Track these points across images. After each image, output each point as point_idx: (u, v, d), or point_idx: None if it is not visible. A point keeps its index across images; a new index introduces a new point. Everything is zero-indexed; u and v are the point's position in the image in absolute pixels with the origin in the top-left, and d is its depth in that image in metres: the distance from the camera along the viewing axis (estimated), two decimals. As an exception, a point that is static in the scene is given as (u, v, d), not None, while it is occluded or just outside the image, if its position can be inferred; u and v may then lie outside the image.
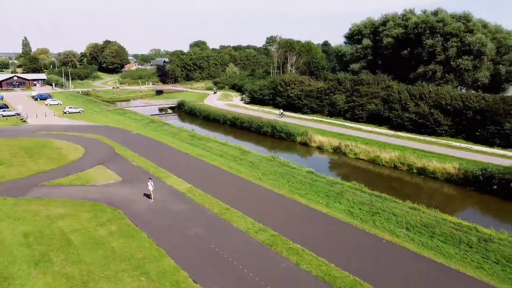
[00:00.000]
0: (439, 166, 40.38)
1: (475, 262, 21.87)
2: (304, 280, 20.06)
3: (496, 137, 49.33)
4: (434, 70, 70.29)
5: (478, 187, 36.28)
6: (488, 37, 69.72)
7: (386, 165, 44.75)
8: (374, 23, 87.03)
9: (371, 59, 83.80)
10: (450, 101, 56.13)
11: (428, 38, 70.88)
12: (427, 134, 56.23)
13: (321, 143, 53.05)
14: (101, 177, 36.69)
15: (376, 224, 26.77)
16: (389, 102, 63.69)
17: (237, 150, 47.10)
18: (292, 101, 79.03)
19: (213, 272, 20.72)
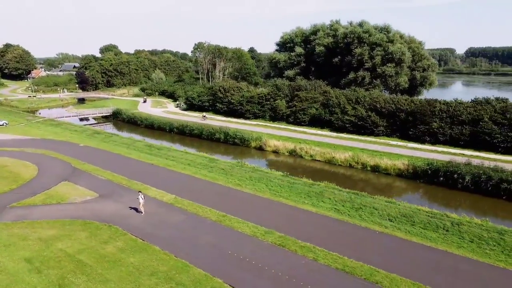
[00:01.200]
0: (390, 163, 45.55)
1: (455, 243, 26.02)
2: (328, 273, 22.19)
3: (426, 135, 56.63)
4: (363, 76, 77.65)
5: (427, 180, 41.86)
6: (405, 46, 79.09)
7: (342, 164, 48.95)
8: (304, 32, 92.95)
9: (304, 66, 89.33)
10: (384, 105, 62.88)
11: (356, 47, 78.13)
12: (366, 134, 62.20)
13: (277, 147, 55.82)
14: (74, 194, 34.95)
15: (364, 218, 29.98)
16: (329, 106, 68.93)
17: (203, 158, 47.69)
18: (234, 107, 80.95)
19: (244, 275, 21.88)
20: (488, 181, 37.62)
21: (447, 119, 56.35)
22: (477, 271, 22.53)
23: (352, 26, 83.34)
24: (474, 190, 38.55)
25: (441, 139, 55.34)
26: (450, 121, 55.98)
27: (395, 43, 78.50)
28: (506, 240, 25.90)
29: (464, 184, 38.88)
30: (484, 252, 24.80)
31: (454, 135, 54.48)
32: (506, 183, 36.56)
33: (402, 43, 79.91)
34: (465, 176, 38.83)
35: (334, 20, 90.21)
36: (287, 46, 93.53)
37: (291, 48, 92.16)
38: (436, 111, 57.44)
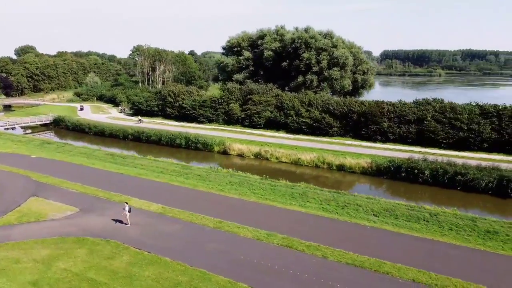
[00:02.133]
0: (354, 162, 48.71)
1: (438, 232, 29.06)
2: (341, 268, 23.68)
3: (377, 134, 61.19)
4: (311, 79, 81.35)
5: (390, 176, 45.51)
6: (348, 51, 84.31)
7: (308, 165, 51.22)
8: (251, 37, 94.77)
9: (253, 70, 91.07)
10: (336, 107, 66.66)
11: (304, 52, 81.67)
12: (321, 135, 65.45)
13: (241, 151, 56.66)
14: (50, 210, 32.80)
15: (352, 215, 32.10)
16: (283, 109, 71.29)
17: (175, 165, 47.03)
18: (187, 112, 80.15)
19: (265, 278, 22.57)
20: (445, 174, 42.03)
21: (395, 119, 61.43)
22: (464, 255, 25.50)
23: (298, 31, 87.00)
24: (433, 183, 42.79)
25: (391, 137, 60.19)
26: (398, 120, 61.12)
27: (339, 48, 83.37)
28: (479, 226, 29.50)
29: (424, 178, 43.00)
30: (464, 238, 28.04)
31: (402, 133, 59.57)
32: (460, 176, 41.17)
33: (344, 48, 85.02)
34: (424, 171, 42.96)
35: (279, 25, 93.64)
36: (234, 50, 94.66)
37: (238, 52, 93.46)
38: (385, 112, 62.30)
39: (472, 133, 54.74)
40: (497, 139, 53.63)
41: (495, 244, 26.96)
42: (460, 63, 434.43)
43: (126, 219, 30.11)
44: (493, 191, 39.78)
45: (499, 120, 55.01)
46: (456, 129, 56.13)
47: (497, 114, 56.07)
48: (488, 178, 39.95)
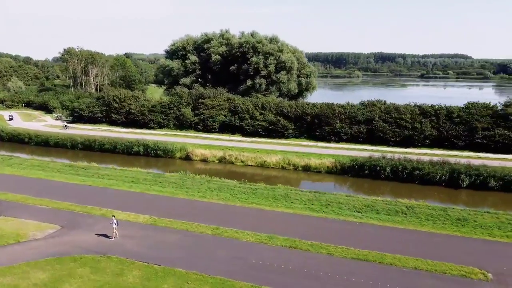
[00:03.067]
0: (318, 162, 51.17)
1: (418, 222, 32.07)
2: (350, 263, 25.29)
3: (331, 134, 64.66)
4: (260, 83, 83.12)
5: (354, 174, 48.60)
6: (293, 56, 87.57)
7: (274, 167, 52.66)
8: (196, 41, 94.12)
9: (200, 74, 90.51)
10: (290, 109, 69.14)
11: (252, 57, 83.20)
12: (277, 137, 67.45)
13: (205, 156, 56.44)
14: (27, 229, 30.32)
15: (338, 213, 34.06)
16: (237, 113, 72.12)
17: (145, 174, 45.60)
18: (135, 117, 77.41)
19: (285, 279, 23.39)
20: (404, 170, 46.04)
21: (346, 120, 65.42)
22: (446, 241, 28.60)
23: (244, 36, 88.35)
24: (393, 179, 46.60)
25: (344, 137, 64.02)
26: (349, 121, 65.18)
27: (284, 52, 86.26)
28: (450, 215, 33.11)
29: (386, 174, 46.66)
30: (440, 226, 31.33)
31: (354, 133, 63.69)
32: (418, 170, 45.42)
33: (288, 53, 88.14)
34: (386, 168, 46.64)
35: (224, 29, 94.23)
36: (179, 54, 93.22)
37: (183, 56, 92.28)
38: (336, 113, 66.07)
39: (415, 131, 60.32)
40: (436, 136, 59.75)
41: (468, 230, 30.55)
42: (374, 65, 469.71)
43: (115, 232, 28.99)
44: (446, 183, 44.51)
45: (437, 119, 61.33)
46: (401, 128, 61.44)
47: (435, 113, 62.41)
48: (442, 171, 44.62)
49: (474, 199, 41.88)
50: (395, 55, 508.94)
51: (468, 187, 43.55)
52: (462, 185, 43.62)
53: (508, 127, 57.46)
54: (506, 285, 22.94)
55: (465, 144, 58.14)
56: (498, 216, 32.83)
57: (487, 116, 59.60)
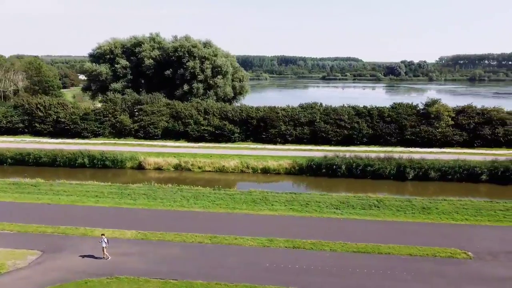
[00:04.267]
0: (276, 164, 53.01)
1: (391, 214, 35.54)
2: (355, 257, 27.37)
3: (277, 137, 67.08)
4: (197, 87, 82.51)
5: (312, 173, 51.33)
6: (228, 60, 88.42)
7: (234, 171, 53.15)
8: (124, 44, 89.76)
9: (132, 79, 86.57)
10: (234, 113, 70.06)
11: (188, 61, 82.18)
12: (224, 141, 67.90)
13: (159, 164, 54.64)
14: (1, 259, 26.99)
15: (319, 211, 36.11)
16: (180, 118, 70.88)
17: (106, 187, 42.79)
18: (66, 126, 71.41)
19: (307, 279, 24.55)
20: (357, 167, 50.04)
21: (290, 122, 68.44)
22: (421, 228, 32.35)
23: (178, 40, 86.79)
24: (348, 176, 50.33)
25: (289, 139, 66.92)
26: (293, 123, 68.30)
27: (219, 57, 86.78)
28: (415, 205, 37.25)
29: (342, 172, 50.21)
30: (411, 215, 35.20)
31: (298, 134, 66.96)
32: (370, 167, 49.75)
33: (222, 57, 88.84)
34: (341, 166, 50.20)
35: (154, 32, 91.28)
36: (106, 58, 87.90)
37: (112, 60, 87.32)
38: (280, 116, 68.74)
39: (354, 130, 65.59)
40: (372, 134, 65.70)
41: (434, 217, 34.81)
42: (278, 68, 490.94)
43: (105, 252, 27.36)
44: (394, 176, 49.51)
45: (371, 119, 67.42)
46: (341, 128, 66.30)
47: (368, 113, 68.48)
48: (390, 166, 49.51)
49: (418, 189, 47.15)
50: (297, 58, 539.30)
51: (413, 179, 49.00)
52: (408, 177, 48.95)
53: (430, 124, 65.59)
54: (484, 260, 26.95)
55: (397, 140, 64.94)
56: (453, 202, 37.87)
57: (413, 115, 67.29)
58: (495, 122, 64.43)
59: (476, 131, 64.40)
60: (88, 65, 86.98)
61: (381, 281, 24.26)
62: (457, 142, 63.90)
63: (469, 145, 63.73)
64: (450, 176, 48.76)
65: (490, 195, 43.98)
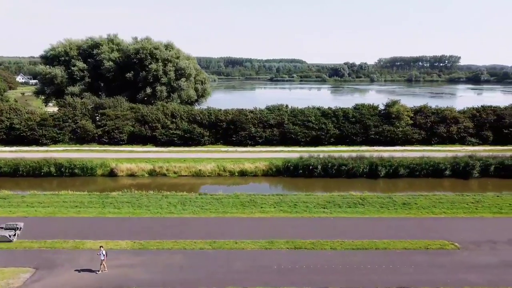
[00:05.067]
0: (253, 166, 53.40)
1: (376, 210, 37.28)
2: (355, 254, 28.52)
3: (247, 139, 67.45)
4: (161, 90, 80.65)
5: (289, 174, 52.26)
6: (190, 62, 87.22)
7: (211, 175, 52.74)
8: (80, 45, 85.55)
9: (89, 82, 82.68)
10: (202, 117, 69.47)
11: (151, 63, 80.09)
12: (194, 145, 67.08)
13: (132, 170, 52.87)
14: (-9, 278, 25.08)
15: (308, 211, 37.04)
16: (147, 122, 69.01)
17: (85, 196, 40.73)
18: (22, 134, 66.74)
19: (320, 278, 25.23)
20: (332, 167, 51.74)
21: (259, 124, 69.08)
22: (408, 223, 34.38)
23: (138, 42, 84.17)
24: (324, 175, 51.88)
25: (260, 141, 67.55)
26: (262, 125, 69.02)
27: (181, 59, 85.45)
28: (396, 201, 39.37)
29: (318, 172, 51.65)
30: (395, 211, 37.20)
31: (268, 136, 67.79)
32: (344, 166, 51.65)
33: (184, 59, 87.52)
34: (317, 166, 51.65)
35: (112, 34, 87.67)
36: (61, 60, 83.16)
37: (67, 62, 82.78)
38: (249, 119, 69.18)
39: (322, 131, 67.62)
40: (339, 134, 68.14)
41: (415, 212, 37.06)
42: (224, 69, 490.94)
43: (104, 265, 26.40)
44: (367, 174, 51.80)
45: (337, 120, 69.88)
46: (309, 129, 68.04)
47: (334, 114, 70.90)
48: (363, 165, 51.73)
49: (389, 185, 49.77)
50: (243, 59, 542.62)
51: (384, 176, 51.60)
52: (380, 175, 51.46)
53: (391, 123, 69.26)
54: (470, 250, 29.25)
55: (362, 140, 67.87)
56: (430, 197, 40.52)
57: (375, 115, 70.66)
58: (449, 120, 69.43)
59: (432, 129, 69.04)
60: (41, 68, 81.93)
61: (387, 275, 25.55)
62: (416, 140, 68.12)
63: (427, 142, 68.18)
64: (418, 172, 51.96)
65: (453, 189, 47.46)
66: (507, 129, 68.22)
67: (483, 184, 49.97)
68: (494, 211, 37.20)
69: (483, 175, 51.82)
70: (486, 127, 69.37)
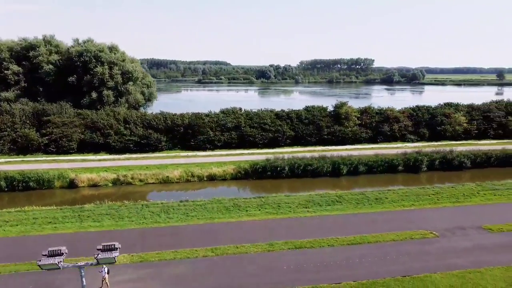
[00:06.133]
0: (221, 170, 53.49)
1: (354, 207, 39.76)
2: (351, 249, 30.43)
3: (206, 143, 67.10)
4: (107, 95, 76.81)
5: (258, 176, 53.18)
6: (136, 66, 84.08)
7: (179, 181, 51.82)
8: (12, 47, 78.14)
9: (25, 86, 75.92)
10: (158, 122, 67.70)
11: (96, 67, 75.91)
12: (151, 151, 65.11)
13: (93, 181, 50.04)
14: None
15: (293, 212, 38.39)
16: (99, 129, 65.47)
17: (58, 211, 37.82)
18: (-48, 145, 59.53)
19: (328, 275, 26.60)
20: (299, 167, 53.74)
21: (217, 128, 69.09)
22: (387, 216, 37.26)
23: (80, 44, 79.12)
24: (291, 176, 53.68)
25: (218, 144, 67.60)
26: (220, 129, 69.11)
27: (127, 62, 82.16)
28: (369, 197, 42.29)
29: (286, 173, 53.30)
30: (370, 206, 40.01)
31: (226, 140, 68.11)
32: (310, 166, 53.92)
33: (129, 62, 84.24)
34: (285, 167, 53.29)
35: (48, 35, 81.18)
36: (-10, 63, 75.26)
37: (-2, 65, 75.24)
38: (207, 122, 68.91)
39: (278, 133, 69.58)
40: (294, 135, 70.63)
41: (388, 206, 40.22)
42: (148, 71, 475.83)
43: (106, 282, 25.45)
44: (330, 173, 54.63)
45: (291, 121, 72.38)
46: (266, 131, 69.63)
47: (288, 116, 73.32)
48: (326, 164, 54.47)
49: (350, 182, 52.99)
50: (167, 61, 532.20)
51: (346, 174, 54.83)
52: (343, 173, 54.60)
53: (341, 124, 73.46)
54: (448, 237, 32.68)
55: (316, 140, 71.07)
56: (397, 191, 44.15)
57: (326, 117, 74.39)
58: (391, 120, 75.43)
59: (377, 128, 74.47)
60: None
61: (388, 266, 27.75)
62: (364, 139, 73.02)
63: (373, 141, 73.43)
64: (375, 169, 56.02)
65: (409, 182, 52.03)
66: (439, 127, 75.90)
67: (431, 177, 55.40)
68: (453, 200, 41.70)
69: (430, 169, 57.38)
70: (423, 125, 76.55)
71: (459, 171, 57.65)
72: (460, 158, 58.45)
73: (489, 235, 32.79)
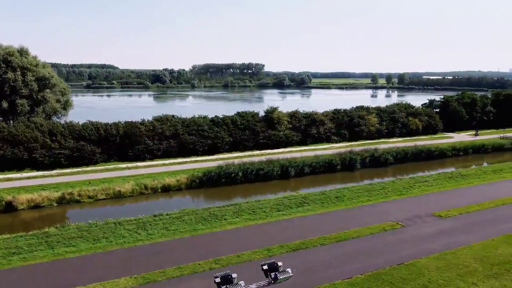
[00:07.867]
0: (174, 180, 52.20)
1: (320, 206, 42.69)
2: (340, 246, 33.02)
3: (145, 153, 64.32)
4: (21, 104, 68.39)
5: (213, 184, 53.11)
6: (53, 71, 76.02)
7: (132, 195, 49.12)
8: None
9: None
10: (90, 132, 62.85)
11: (6, 72, 66.96)
12: (85, 165, 60.17)
13: (35, 201, 44.63)
14: None
15: (269, 216, 39.77)
16: (21, 143, 58.24)
17: (19, 240, 33.04)
18: None
19: (335, 271, 28.68)
20: (251, 172, 55.16)
21: (155, 136, 66.73)
22: (355, 212, 40.94)
23: (-17, 46, 68.72)
24: (245, 181, 54.83)
25: (158, 154, 65.44)
26: (158, 138, 66.88)
27: (40, 67, 74.00)
28: (329, 195, 45.78)
29: (239, 178, 54.24)
30: (335, 204, 43.47)
31: (166, 148, 66.28)
32: (261, 170, 55.73)
33: (41, 67, 75.96)
34: (238, 173, 54.23)
35: None
36: None
37: None
38: (143, 131, 66.12)
39: (217, 139, 70.04)
40: (232, 141, 71.82)
41: (350, 203, 44.14)
42: None
43: None
44: (280, 176, 57.22)
45: (228, 127, 73.40)
46: (205, 138, 69.55)
47: (223, 122, 74.16)
48: (276, 168, 56.91)
49: (298, 183, 56.29)
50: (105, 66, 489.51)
51: (294, 176, 57.98)
52: (291, 175, 57.61)
53: (274, 128, 76.92)
54: (413, 226, 37.38)
55: (253, 145, 73.24)
56: (351, 189, 48.49)
57: (261, 122, 77.05)
58: (318, 123, 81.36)
59: (306, 131, 79.67)
60: None
61: (376, 258, 30.68)
62: (296, 142, 77.49)
63: (304, 143, 78.44)
64: (317, 169, 60.26)
65: (343, 180, 57.20)
66: (357, 127, 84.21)
67: (365, 173, 61.68)
68: (398, 193, 47.44)
69: (363, 167, 63.73)
70: (343, 127, 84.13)
71: (385, 167, 65.15)
72: (385, 156, 66.07)
73: (442, 221, 38.40)
